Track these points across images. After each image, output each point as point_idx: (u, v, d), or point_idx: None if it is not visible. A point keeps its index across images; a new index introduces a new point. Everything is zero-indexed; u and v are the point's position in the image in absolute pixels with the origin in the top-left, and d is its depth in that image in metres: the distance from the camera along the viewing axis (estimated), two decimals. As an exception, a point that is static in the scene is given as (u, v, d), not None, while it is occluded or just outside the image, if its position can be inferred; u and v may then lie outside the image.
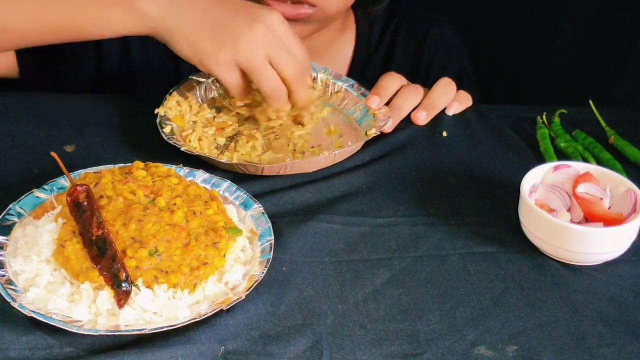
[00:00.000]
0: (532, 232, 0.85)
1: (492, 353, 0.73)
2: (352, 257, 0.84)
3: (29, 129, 1.01)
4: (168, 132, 0.96)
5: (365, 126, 1.03)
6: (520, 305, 0.78)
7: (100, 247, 0.73)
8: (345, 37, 1.28)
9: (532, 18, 1.49)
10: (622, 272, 0.83)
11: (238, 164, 0.93)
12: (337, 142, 1.01)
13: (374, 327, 0.75)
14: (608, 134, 1.06)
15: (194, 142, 0.97)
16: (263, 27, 0.91)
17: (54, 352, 0.70)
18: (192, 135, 0.97)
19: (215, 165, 0.94)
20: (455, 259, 0.84)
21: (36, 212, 0.83)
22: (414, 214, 0.90)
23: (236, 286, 0.76)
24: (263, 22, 0.91)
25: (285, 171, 0.94)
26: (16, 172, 0.93)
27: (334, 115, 1.06)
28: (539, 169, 0.89)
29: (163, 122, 0.97)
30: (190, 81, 1.06)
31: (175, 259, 0.75)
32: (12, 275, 0.75)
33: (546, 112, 1.09)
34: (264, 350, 0.71)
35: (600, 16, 1.41)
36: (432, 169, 0.99)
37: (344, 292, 0.79)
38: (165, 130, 0.96)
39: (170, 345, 0.70)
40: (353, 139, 1.01)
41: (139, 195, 0.79)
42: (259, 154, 0.97)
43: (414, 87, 1.08)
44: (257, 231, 0.83)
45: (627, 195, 0.86)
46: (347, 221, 0.88)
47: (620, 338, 0.75)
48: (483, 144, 1.04)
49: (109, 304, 0.72)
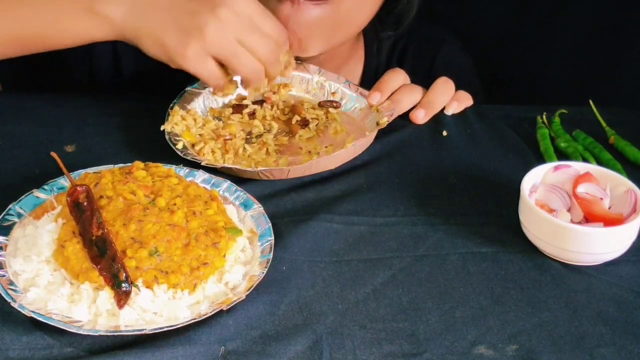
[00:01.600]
0: (532, 232, 0.85)
1: (492, 352, 0.73)
2: (352, 256, 0.84)
3: (29, 129, 1.01)
4: (181, 148, 0.94)
5: (371, 120, 1.03)
6: (520, 305, 0.78)
7: (100, 248, 0.73)
8: (354, 60, 1.25)
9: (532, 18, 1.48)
10: (622, 272, 0.83)
11: (262, 171, 0.92)
12: (349, 139, 1.00)
13: (374, 327, 0.75)
14: (608, 134, 1.05)
15: (208, 155, 0.95)
16: (227, 10, 0.88)
17: (54, 352, 0.70)
18: (205, 148, 0.96)
19: (235, 174, 0.93)
20: (455, 259, 0.84)
21: (36, 212, 0.83)
22: (414, 214, 0.90)
23: (236, 286, 0.76)
24: (226, 5, 0.88)
25: (310, 171, 0.94)
26: (16, 172, 0.93)
27: (336, 115, 1.06)
28: (539, 169, 0.89)
29: (173, 138, 0.96)
30: (187, 93, 1.05)
31: (175, 259, 0.75)
32: (12, 275, 0.75)
33: (546, 112, 1.09)
34: (264, 350, 0.71)
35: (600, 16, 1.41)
36: (432, 169, 0.99)
37: (344, 292, 0.79)
38: (178, 146, 0.94)
39: (170, 345, 0.70)
40: (361, 135, 1.01)
41: (139, 195, 0.79)
42: (275, 160, 0.97)
43: (414, 85, 1.08)
44: (257, 231, 0.83)
45: (627, 195, 0.86)
46: (347, 221, 0.88)
47: (620, 338, 0.75)
48: (483, 144, 1.04)
49: (109, 304, 0.72)
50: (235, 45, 0.89)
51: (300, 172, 0.94)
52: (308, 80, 1.10)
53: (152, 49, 0.90)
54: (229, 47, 0.89)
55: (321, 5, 0.99)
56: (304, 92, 1.10)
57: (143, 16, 0.89)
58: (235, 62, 0.90)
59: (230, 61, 0.90)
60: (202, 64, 0.90)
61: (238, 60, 0.90)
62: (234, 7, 0.88)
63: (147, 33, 0.90)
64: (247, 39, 0.89)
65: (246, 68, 0.91)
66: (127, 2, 0.90)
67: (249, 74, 0.92)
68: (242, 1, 0.89)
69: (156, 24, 0.89)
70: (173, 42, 0.89)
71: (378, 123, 1.00)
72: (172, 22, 0.89)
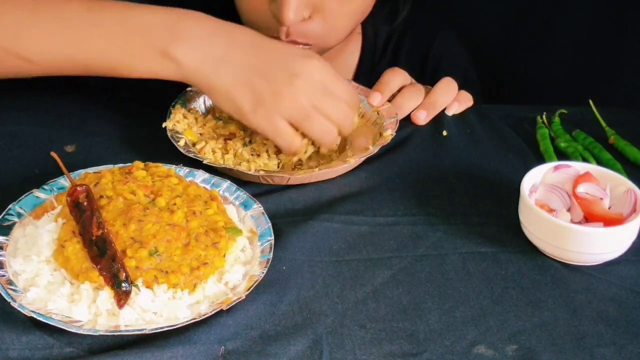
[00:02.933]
0: (532, 232, 0.85)
1: (491, 352, 0.73)
2: (352, 256, 0.84)
3: (29, 129, 1.01)
4: (183, 145, 0.94)
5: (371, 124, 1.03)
6: (520, 305, 0.78)
7: (100, 247, 0.73)
8: (351, 46, 1.26)
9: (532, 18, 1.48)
10: (622, 272, 0.83)
11: (263, 175, 0.92)
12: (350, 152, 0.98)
13: (373, 327, 0.75)
14: (608, 134, 1.05)
15: (209, 154, 0.95)
16: (303, 81, 0.88)
17: (54, 352, 0.70)
18: (206, 147, 0.95)
19: (237, 176, 0.93)
20: (455, 259, 0.84)
21: (36, 212, 0.83)
22: (414, 214, 0.90)
23: (236, 286, 0.76)
24: (302, 76, 0.88)
25: (311, 180, 0.93)
26: (16, 172, 0.93)
27: None
28: (539, 169, 0.89)
29: (175, 135, 0.96)
30: (189, 93, 1.05)
31: (175, 259, 0.75)
32: (12, 275, 0.75)
33: (546, 112, 1.09)
34: (264, 350, 0.71)
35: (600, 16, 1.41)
36: (432, 169, 0.99)
37: (344, 292, 0.79)
38: (180, 143, 0.94)
39: (170, 345, 0.70)
40: (362, 139, 1.00)
41: (139, 195, 0.79)
42: (277, 163, 0.96)
43: (415, 87, 1.08)
44: (257, 231, 0.83)
45: (627, 195, 0.86)
46: (347, 220, 0.88)
47: (620, 338, 0.75)
48: (483, 144, 1.04)
49: (109, 304, 0.72)
50: (308, 109, 0.89)
51: (300, 180, 0.93)
52: None
53: (224, 104, 0.90)
54: (302, 112, 0.89)
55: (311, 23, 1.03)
56: None
57: (217, 69, 0.89)
58: (308, 124, 0.90)
59: (303, 124, 0.90)
60: (274, 125, 0.89)
61: (311, 122, 0.90)
62: (309, 75, 0.89)
63: (219, 88, 0.89)
64: (322, 104, 0.89)
65: (319, 129, 0.91)
66: (202, 50, 0.88)
67: (322, 135, 0.91)
68: (317, 68, 0.90)
69: (229, 82, 0.89)
70: (246, 103, 0.88)
71: (381, 134, 0.99)
72: (247, 83, 0.88)
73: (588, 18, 1.42)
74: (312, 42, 1.06)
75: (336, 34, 1.09)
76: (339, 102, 0.91)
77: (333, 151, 0.98)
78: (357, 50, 1.27)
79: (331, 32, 1.07)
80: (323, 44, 1.08)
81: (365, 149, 0.97)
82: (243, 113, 0.89)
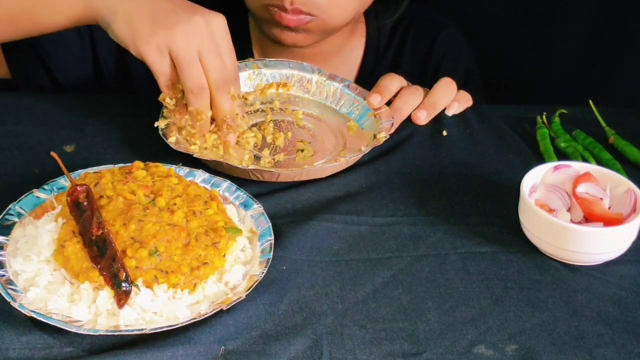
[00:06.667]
0: (532, 232, 0.85)
1: (491, 352, 0.73)
2: (352, 256, 0.84)
3: (29, 129, 1.01)
4: (174, 142, 0.94)
5: (367, 127, 1.03)
6: (520, 305, 0.78)
7: (100, 247, 0.73)
8: (355, 40, 1.27)
9: (532, 18, 1.48)
10: (622, 272, 0.83)
11: (253, 171, 0.92)
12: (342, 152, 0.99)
13: (373, 327, 0.75)
14: (608, 134, 1.06)
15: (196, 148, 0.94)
16: (202, 21, 0.91)
17: (54, 352, 0.70)
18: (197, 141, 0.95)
19: (225, 171, 0.92)
20: (455, 259, 0.84)
21: (36, 212, 0.83)
22: (414, 214, 0.90)
23: (236, 286, 0.76)
24: (203, 17, 0.91)
25: (301, 177, 0.94)
26: (16, 172, 0.93)
27: (333, 117, 1.06)
28: (539, 169, 0.89)
29: (167, 134, 0.95)
30: None
31: (175, 259, 0.75)
32: (12, 275, 0.75)
33: (546, 112, 1.09)
34: (264, 350, 0.71)
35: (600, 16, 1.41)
36: (432, 169, 0.99)
37: (344, 292, 0.79)
38: (171, 140, 0.94)
39: (170, 345, 0.70)
40: (357, 141, 1.00)
41: (139, 195, 0.79)
42: (269, 160, 0.96)
43: (414, 88, 1.08)
44: (257, 231, 0.83)
45: (627, 195, 0.86)
46: (347, 221, 0.88)
47: (620, 338, 0.75)
48: (483, 144, 1.04)
49: (109, 304, 0.72)
50: (193, 54, 0.91)
51: (290, 177, 0.93)
52: (308, 80, 1.10)
53: (122, 30, 0.92)
54: (187, 53, 0.90)
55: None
56: (303, 92, 1.10)
57: (125, 1, 0.93)
58: (187, 70, 0.91)
59: (182, 66, 0.91)
60: (159, 57, 0.91)
61: (190, 69, 0.91)
62: (209, 20, 0.91)
63: (123, 15, 0.92)
64: (207, 55, 0.91)
65: (193, 79, 0.91)
66: None
67: (194, 87, 0.92)
68: (219, 24, 0.92)
69: (135, 9, 0.92)
70: (143, 28, 0.91)
71: (375, 136, 1.00)
72: (149, 13, 0.91)
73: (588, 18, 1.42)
74: (316, 13, 1.07)
75: (340, 11, 1.10)
76: (222, 66, 0.92)
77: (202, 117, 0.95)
78: (361, 45, 1.28)
79: (335, 5, 1.08)
80: (327, 17, 1.09)
81: (358, 150, 0.97)
82: (136, 38, 0.91)
